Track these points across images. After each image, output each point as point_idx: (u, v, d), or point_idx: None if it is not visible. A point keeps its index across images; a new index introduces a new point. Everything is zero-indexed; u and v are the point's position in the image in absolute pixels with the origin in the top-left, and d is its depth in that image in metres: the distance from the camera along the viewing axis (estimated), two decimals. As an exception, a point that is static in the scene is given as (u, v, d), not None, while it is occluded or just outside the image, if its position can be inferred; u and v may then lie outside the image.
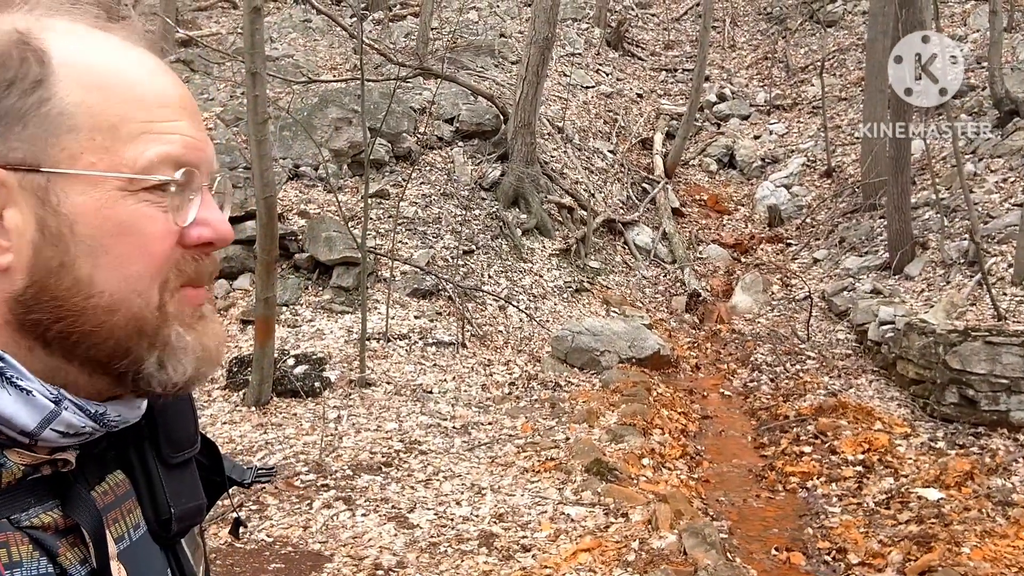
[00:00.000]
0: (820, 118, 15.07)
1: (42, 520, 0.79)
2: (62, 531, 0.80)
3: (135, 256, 0.78)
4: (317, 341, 8.55)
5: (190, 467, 0.97)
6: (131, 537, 0.88)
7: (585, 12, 19.66)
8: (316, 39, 15.97)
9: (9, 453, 0.77)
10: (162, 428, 0.94)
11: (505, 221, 11.37)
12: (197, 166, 0.82)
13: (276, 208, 7.34)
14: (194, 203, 0.82)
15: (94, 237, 0.77)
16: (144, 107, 0.80)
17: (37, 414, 0.77)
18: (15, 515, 0.77)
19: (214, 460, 1.05)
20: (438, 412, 7.44)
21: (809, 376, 8.67)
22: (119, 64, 0.81)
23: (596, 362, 8.84)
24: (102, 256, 0.78)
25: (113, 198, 0.78)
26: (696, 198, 14.77)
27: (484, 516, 5.48)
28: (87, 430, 0.80)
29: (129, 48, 0.84)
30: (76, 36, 0.81)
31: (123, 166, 0.78)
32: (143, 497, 0.92)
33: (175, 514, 0.92)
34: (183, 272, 0.82)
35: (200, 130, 0.85)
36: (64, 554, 0.79)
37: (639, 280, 12.17)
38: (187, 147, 0.82)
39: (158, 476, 0.92)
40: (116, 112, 0.79)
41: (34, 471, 0.79)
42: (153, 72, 0.83)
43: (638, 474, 6.23)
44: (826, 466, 6.58)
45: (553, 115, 14.52)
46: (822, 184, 14.01)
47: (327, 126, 11.39)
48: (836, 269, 11.40)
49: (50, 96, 0.77)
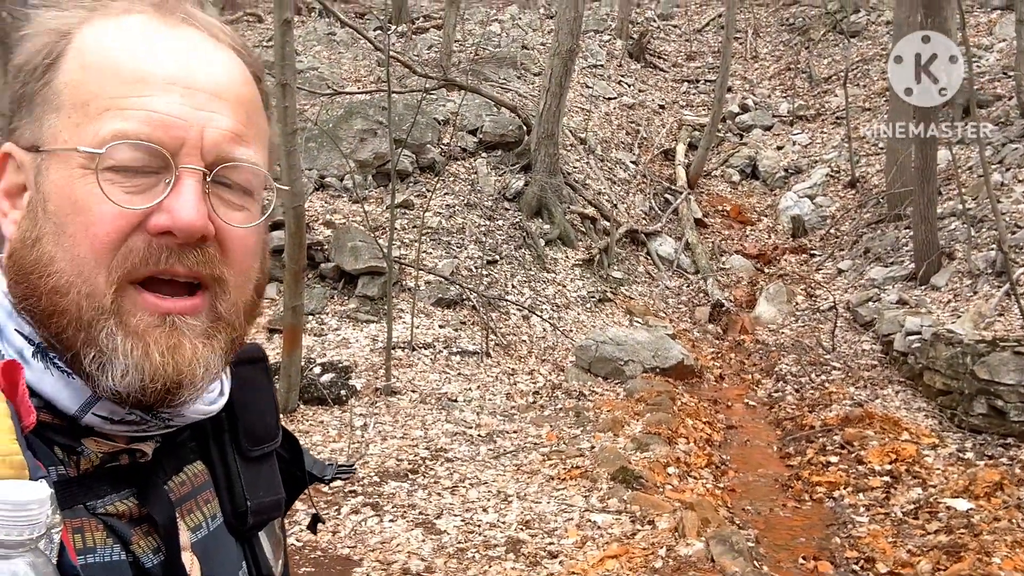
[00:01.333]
0: (844, 128, 15.03)
1: (117, 508, 0.79)
2: (136, 520, 0.80)
3: (81, 236, 0.74)
4: (343, 349, 8.61)
5: (269, 461, 0.96)
6: (208, 527, 0.88)
7: (607, 24, 19.75)
8: (341, 52, 16.11)
9: (88, 441, 0.78)
10: (242, 421, 0.93)
11: (528, 231, 11.41)
12: (167, 145, 0.75)
13: (304, 218, 7.42)
14: (164, 188, 0.75)
15: (57, 214, 0.75)
16: (120, 83, 0.76)
17: (78, 397, 0.76)
18: (91, 502, 0.77)
19: (295, 455, 1.03)
20: (463, 420, 7.47)
21: (835, 387, 8.63)
22: (117, 43, 0.78)
23: (620, 372, 8.85)
24: (61, 235, 0.75)
25: (74, 176, 0.75)
26: (719, 209, 14.76)
27: (511, 523, 5.51)
28: (134, 419, 0.78)
29: (150, 29, 0.79)
30: (106, 22, 0.79)
31: (84, 143, 0.75)
32: (221, 489, 0.91)
33: (251, 507, 0.91)
34: (143, 265, 0.75)
35: (191, 109, 0.77)
36: (137, 542, 0.79)
37: (662, 290, 12.17)
38: (153, 124, 0.75)
39: (236, 469, 0.92)
40: (91, 89, 0.76)
41: (112, 459, 0.79)
42: (153, 50, 0.78)
43: (664, 482, 6.23)
44: (853, 476, 6.55)
45: (576, 126, 14.57)
46: (846, 194, 13.96)
47: (352, 137, 11.49)
48: (861, 280, 11.34)
49: (52, 79, 0.78)
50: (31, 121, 0.78)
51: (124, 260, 0.74)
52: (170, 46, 0.78)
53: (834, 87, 16.85)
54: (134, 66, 0.76)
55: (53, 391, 0.76)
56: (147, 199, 0.75)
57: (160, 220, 0.74)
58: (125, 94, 0.75)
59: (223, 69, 0.81)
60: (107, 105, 0.75)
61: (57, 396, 0.76)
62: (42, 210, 0.76)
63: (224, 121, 0.78)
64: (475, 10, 19.87)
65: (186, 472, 0.88)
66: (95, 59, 0.77)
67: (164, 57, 0.77)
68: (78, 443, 0.77)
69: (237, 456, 0.93)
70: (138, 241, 0.75)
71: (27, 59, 0.79)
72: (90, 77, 0.77)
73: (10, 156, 0.80)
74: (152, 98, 0.75)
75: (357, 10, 19.46)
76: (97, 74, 0.76)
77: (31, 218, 0.77)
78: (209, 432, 0.92)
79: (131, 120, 0.74)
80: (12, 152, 0.80)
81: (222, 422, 0.92)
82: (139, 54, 0.77)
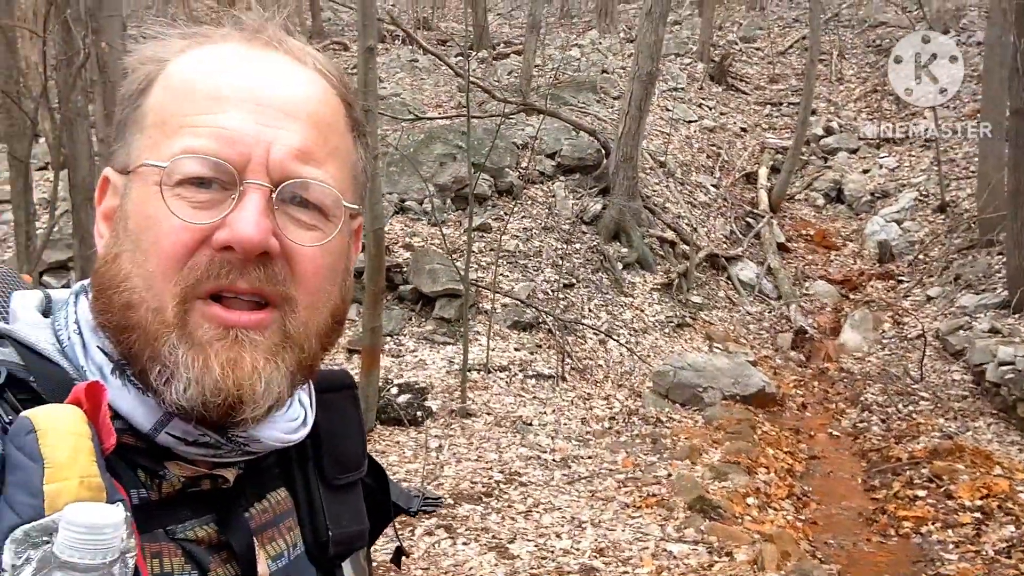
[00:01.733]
0: (933, 152, 14.59)
1: (196, 534, 0.78)
2: (216, 546, 0.80)
3: (152, 251, 0.75)
4: (420, 371, 8.69)
5: (354, 490, 0.94)
6: (289, 556, 0.86)
7: (688, 47, 19.64)
8: (423, 78, 16.40)
9: (171, 465, 0.78)
10: (327, 449, 0.92)
11: (606, 255, 11.36)
12: (233, 160, 0.75)
13: (384, 241, 7.54)
14: (230, 203, 0.75)
15: (135, 231, 0.76)
16: (192, 101, 0.77)
17: (152, 416, 0.76)
18: (171, 526, 0.77)
19: (382, 485, 1.01)
20: (538, 444, 7.45)
21: (923, 417, 8.33)
22: (200, 66, 0.80)
23: (699, 398, 8.70)
24: (136, 250, 0.76)
25: (150, 193, 0.76)
26: (802, 233, 14.45)
27: (584, 550, 5.45)
28: (209, 441, 0.78)
29: (233, 53, 0.81)
30: (199, 51, 0.81)
31: (156, 159, 0.76)
32: (303, 517, 0.89)
33: (333, 537, 0.89)
34: (205, 279, 0.75)
35: (260, 125, 0.76)
36: (215, 569, 0.79)
37: (743, 316, 11.95)
38: (221, 140, 0.75)
39: (319, 497, 0.90)
40: (170, 109, 0.78)
41: (194, 484, 0.79)
42: (231, 71, 0.79)
43: (743, 513, 6.09)
44: (942, 511, 6.30)
45: (655, 149, 14.49)
46: (935, 219, 13.51)
47: (432, 162, 11.65)
48: (951, 307, 10.94)
49: (142, 103, 0.80)
50: (123, 145, 0.81)
51: (188, 274, 0.74)
52: (248, 66, 0.79)
53: (922, 109, 16.39)
54: (209, 85, 0.78)
55: (129, 408, 0.76)
56: (213, 214, 0.75)
57: (222, 235, 0.74)
58: (198, 111, 0.77)
59: (299, 88, 0.80)
60: (182, 123, 0.77)
61: (133, 413, 0.76)
62: (123, 228, 0.78)
63: (292, 138, 0.78)
64: (555, 35, 19.99)
65: (269, 499, 0.87)
66: (177, 81, 0.79)
67: (239, 76, 0.78)
68: (161, 466, 0.77)
69: (321, 484, 0.91)
70: (203, 256, 0.75)
71: (127, 88, 0.82)
72: (170, 98, 0.79)
73: (108, 180, 0.83)
74: (223, 115, 0.76)
75: (439, 37, 19.81)
76: (177, 95, 0.78)
77: (115, 236, 0.79)
78: (293, 459, 0.91)
79: (201, 136, 0.75)
80: (109, 176, 0.83)
81: (307, 449, 0.91)
82: (216, 74, 0.78)
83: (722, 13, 22.50)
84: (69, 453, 0.64)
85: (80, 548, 0.60)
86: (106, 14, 5.62)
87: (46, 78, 8.01)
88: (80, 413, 0.67)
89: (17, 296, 0.84)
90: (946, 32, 17.85)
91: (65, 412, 0.67)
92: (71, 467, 0.64)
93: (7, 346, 0.76)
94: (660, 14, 11.92)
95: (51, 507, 0.62)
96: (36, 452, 0.64)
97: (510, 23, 22.51)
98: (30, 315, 0.82)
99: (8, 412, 0.70)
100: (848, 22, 21.19)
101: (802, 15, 21.50)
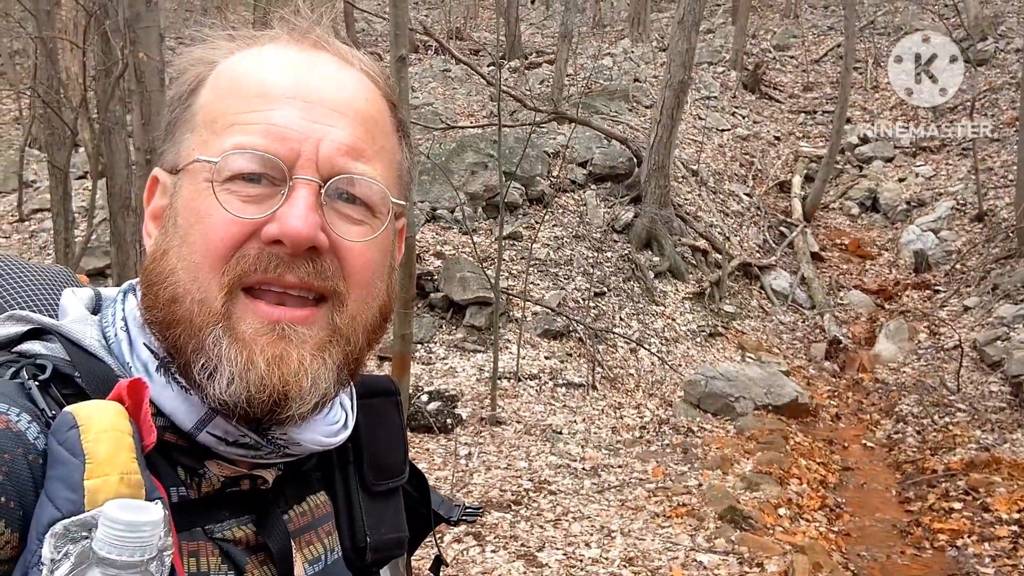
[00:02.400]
0: (970, 160, 14.38)
1: (234, 534, 0.79)
2: (253, 547, 0.80)
3: (199, 244, 0.75)
4: (450, 378, 8.71)
5: (395, 497, 0.94)
6: (326, 560, 0.86)
7: (721, 56, 19.55)
8: (455, 87, 16.49)
9: (210, 464, 0.78)
10: (367, 454, 0.92)
11: (637, 264, 11.33)
12: (283, 156, 0.76)
13: (415, 249, 7.58)
14: (279, 198, 0.75)
15: (183, 227, 0.77)
16: (242, 98, 0.78)
17: (194, 414, 0.77)
18: (209, 525, 0.77)
19: (423, 493, 1.01)
20: (567, 453, 7.43)
21: (959, 429, 8.19)
22: (249, 66, 0.81)
23: (730, 408, 8.64)
24: (184, 245, 0.77)
25: (200, 189, 0.77)
26: (837, 242, 14.30)
27: (614, 559, 5.42)
28: (248, 442, 0.78)
29: (281, 53, 0.82)
30: (247, 52, 0.83)
31: (206, 155, 0.77)
32: (342, 522, 0.89)
33: (371, 543, 0.89)
34: (252, 271, 0.75)
35: (309, 122, 0.77)
36: (252, 570, 0.79)
37: (776, 325, 11.84)
38: (270, 136, 0.76)
39: (359, 502, 0.90)
40: (220, 107, 0.79)
41: (233, 484, 0.79)
42: (279, 69, 0.80)
43: (774, 524, 6.02)
44: (978, 524, 6.19)
45: (687, 158, 14.43)
46: (973, 228, 13.31)
47: (464, 170, 11.69)
48: (989, 317, 10.76)
49: (192, 103, 0.82)
50: (172, 145, 0.82)
51: (236, 265, 0.74)
52: (297, 65, 0.80)
53: (960, 117, 16.17)
54: (259, 84, 0.79)
55: (172, 406, 0.77)
56: (262, 209, 0.75)
57: (271, 229, 0.74)
58: (248, 109, 0.77)
59: (346, 86, 0.81)
60: (232, 121, 0.78)
61: (175, 411, 0.77)
62: (172, 225, 0.78)
63: (341, 134, 0.78)
64: (587, 44, 20.00)
65: (308, 502, 0.87)
66: (227, 81, 0.81)
67: (288, 74, 0.79)
68: (201, 465, 0.78)
69: (361, 489, 0.91)
70: (251, 248, 0.75)
71: (176, 89, 0.84)
72: (220, 96, 0.80)
73: (157, 180, 0.84)
74: (272, 112, 0.77)
75: (471, 47, 19.92)
76: (227, 93, 0.80)
77: (163, 233, 0.79)
78: (335, 463, 0.91)
79: (251, 133, 0.76)
80: (158, 175, 0.84)
81: (348, 453, 0.91)
82: (265, 73, 0.79)
83: (755, 21, 22.37)
84: (110, 449, 0.65)
85: (118, 545, 0.60)
86: (144, 25, 5.72)
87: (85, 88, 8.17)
88: (122, 410, 0.68)
89: (67, 293, 0.85)
90: (984, 39, 17.65)
91: (107, 408, 0.67)
92: (111, 463, 0.64)
93: (55, 342, 0.77)
94: (693, 22, 11.88)
95: (91, 503, 0.62)
96: (77, 447, 0.64)
97: (542, 32, 22.56)
98: (78, 312, 0.83)
99: (52, 407, 0.71)
100: (884, 29, 20.96)
101: (836, 23, 21.31)
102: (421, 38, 17.28)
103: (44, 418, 0.69)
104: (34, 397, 0.71)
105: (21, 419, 0.68)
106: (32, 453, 0.66)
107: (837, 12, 21.81)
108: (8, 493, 0.63)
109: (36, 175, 12.77)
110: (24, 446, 0.66)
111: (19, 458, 0.65)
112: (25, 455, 0.66)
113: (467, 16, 23.19)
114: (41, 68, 8.80)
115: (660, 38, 20.17)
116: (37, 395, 0.71)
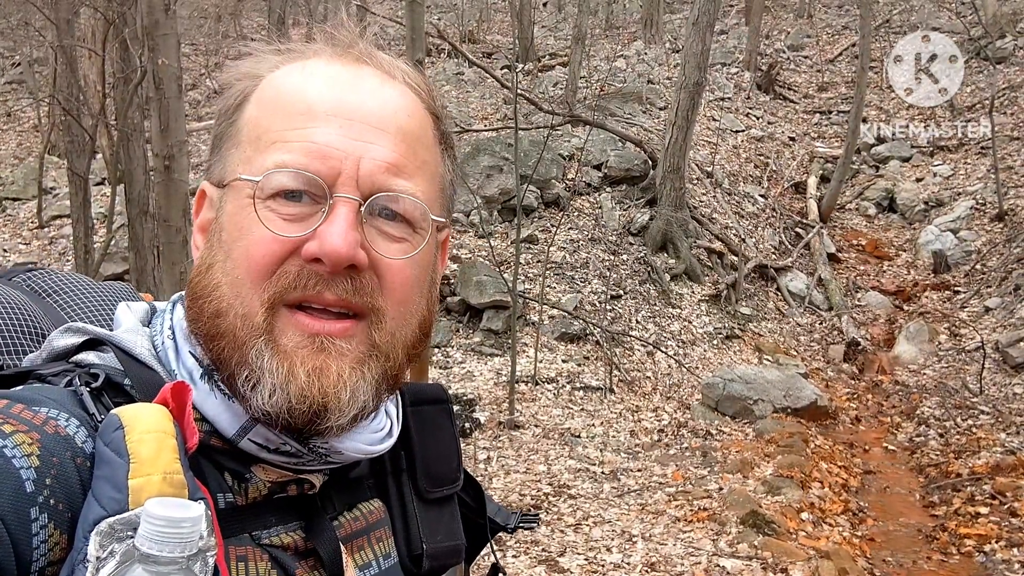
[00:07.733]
0: (990, 159, 14.26)
1: (282, 540, 0.79)
2: (302, 553, 0.80)
3: (242, 260, 0.76)
4: (467, 382, 8.69)
5: (450, 505, 0.94)
6: (379, 566, 0.86)
7: (735, 57, 19.48)
8: (469, 90, 16.49)
9: (256, 469, 0.79)
10: (420, 462, 0.92)
11: (653, 266, 11.28)
12: (323, 174, 0.76)
13: (432, 252, 7.56)
14: (320, 216, 0.76)
15: (228, 242, 0.78)
16: (286, 116, 0.79)
17: (236, 421, 0.77)
18: (257, 531, 0.77)
19: (479, 502, 1.01)
20: (586, 457, 7.39)
21: (983, 432, 8.10)
22: (293, 82, 0.81)
23: (749, 411, 8.58)
24: (228, 260, 0.78)
25: (243, 205, 0.78)
26: (854, 243, 14.21)
27: (636, 564, 5.39)
28: (289, 450, 0.78)
29: (325, 68, 0.81)
30: (292, 66, 0.83)
31: (250, 173, 0.78)
32: (397, 529, 0.90)
33: (427, 551, 0.89)
34: (292, 288, 0.75)
35: (349, 139, 0.77)
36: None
37: (793, 327, 11.77)
38: (311, 154, 0.76)
39: (414, 509, 0.90)
40: (263, 124, 0.80)
41: (280, 490, 0.80)
42: (321, 86, 0.80)
43: (797, 528, 5.97)
44: (1006, 529, 6.11)
45: (702, 160, 14.37)
46: (993, 228, 13.19)
47: (479, 174, 11.68)
48: (1011, 318, 10.66)
49: (237, 118, 0.82)
50: (219, 159, 0.83)
51: (277, 282, 0.75)
52: (339, 81, 0.81)
53: (978, 115, 16.03)
54: (301, 100, 0.79)
55: (215, 413, 0.78)
56: (303, 227, 0.76)
57: (311, 247, 0.75)
58: (290, 126, 0.78)
59: (388, 102, 0.82)
60: (275, 138, 0.78)
61: (218, 418, 0.78)
62: (217, 239, 0.80)
63: (381, 152, 0.79)
64: (600, 47, 19.96)
65: (360, 508, 0.87)
66: (270, 97, 0.81)
67: (329, 91, 0.80)
68: (247, 470, 0.79)
69: (415, 497, 0.91)
70: (292, 266, 0.76)
71: (223, 103, 0.84)
72: (264, 113, 0.80)
73: (205, 193, 0.85)
74: (313, 129, 0.77)
75: (485, 50, 19.92)
76: (270, 110, 0.80)
77: (209, 246, 0.81)
78: (388, 470, 0.91)
79: (293, 151, 0.77)
80: (206, 189, 0.85)
81: (400, 460, 0.92)
82: (307, 89, 0.80)
83: (769, 21, 22.28)
84: (153, 449, 0.66)
85: (159, 541, 0.61)
86: (161, 33, 5.73)
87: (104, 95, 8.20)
88: (165, 412, 0.70)
89: (122, 307, 0.87)
90: (1003, 36, 17.52)
91: (151, 410, 0.69)
92: (155, 463, 0.66)
93: (108, 352, 0.80)
94: (706, 23, 11.83)
95: (135, 502, 0.63)
96: (122, 448, 0.66)
97: (555, 35, 22.52)
98: (131, 323, 0.84)
99: (102, 412, 0.72)
100: (900, 28, 20.84)
101: (851, 22, 21.20)
102: (435, 41, 17.28)
103: (94, 423, 0.71)
104: (85, 403, 0.73)
105: (70, 424, 0.70)
106: (80, 456, 0.68)
107: (851, 11, 21.71)
108: (57, 495, 0.65)
109: (55, 182, 12.86)
110: (72, 449, 0.68)
111: (67, 461, 0.67)
112: (73, 458, 0.68)
113: (480, 19, 23.19)
114: (61, 76, 8.85)
115: (673, 40, 20.11)
116: (88, 401, 0.73)
